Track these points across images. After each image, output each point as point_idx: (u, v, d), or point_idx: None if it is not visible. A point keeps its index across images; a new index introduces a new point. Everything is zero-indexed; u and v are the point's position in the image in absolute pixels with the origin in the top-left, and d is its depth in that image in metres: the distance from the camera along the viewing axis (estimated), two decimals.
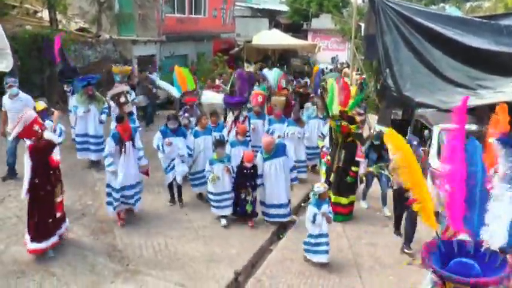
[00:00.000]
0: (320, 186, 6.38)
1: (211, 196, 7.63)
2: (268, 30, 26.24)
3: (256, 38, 23.61)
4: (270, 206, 7.70)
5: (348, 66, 24.03)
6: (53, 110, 7.45)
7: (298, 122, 9.77)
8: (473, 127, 8.06)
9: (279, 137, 9.20)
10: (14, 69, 11.68)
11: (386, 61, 10.65)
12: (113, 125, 8.46)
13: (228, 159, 7.57)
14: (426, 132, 8.18)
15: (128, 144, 7.04)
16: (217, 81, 16.90)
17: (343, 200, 7.97)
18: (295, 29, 33.82)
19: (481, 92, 8.92)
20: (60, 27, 15.38)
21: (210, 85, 16.03)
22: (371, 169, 8.14)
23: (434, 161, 7.93)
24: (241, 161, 7.50)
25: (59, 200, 6.19)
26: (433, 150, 8.02)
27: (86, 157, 9.71)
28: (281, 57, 26.34)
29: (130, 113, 8.53)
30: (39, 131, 5.88)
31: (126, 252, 6.43)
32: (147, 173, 7.54)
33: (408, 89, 9.78)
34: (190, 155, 8.08)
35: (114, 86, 10.24)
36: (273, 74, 13.33)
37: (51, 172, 6.02)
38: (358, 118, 8.36)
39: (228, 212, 7.66)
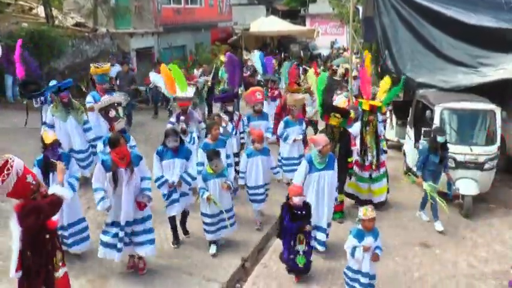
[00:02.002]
0: (367, 212, 4.94)
1: (205, 218, 6.22)
2: (266, 17, 26.09)
3: (254, 25, 23.51)
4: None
5: (345, 50, 23.93)
6: (53, 161, 5.44)
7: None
8: (482, 106, 7.99)
9: (294, 140, 8.29)
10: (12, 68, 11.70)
11: (385, 43, 10.59)
12: (100, 147, 6.80)
13: (225, 173, 6.27)
14: (428, 112, 8.13)
15: (125, 171, 5.35)
16: (195, 72, 15.24)
17: (340, 197, 7.25)
18: (292, 15, 33.59)
19: (482, 70, 8.87)
20: (56, 22, 15.31)
21: (192, 78, 13.82)
22: (425, 187, 6.96)
23: None
24: (287, 198, 5.61)
25: (60, 274, 4.57)
26: None
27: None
28: (280, 44, 26.22)
29: (123, 131, 6.64)
30: (33, 182, 4.16)
31: None
32: (141, 206, 5.54)
33: (409, 70, 9.73)
34: (186, 181, 6.35)
35: (96, 89, 8.89)
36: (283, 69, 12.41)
37: (47, 237, 4.35)
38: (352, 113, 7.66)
39: (225, 234, 6.45)
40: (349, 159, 7.20)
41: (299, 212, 5.54)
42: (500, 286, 5.71)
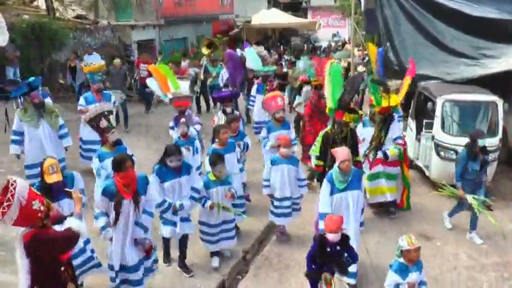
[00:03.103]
0: (411, 241, 4.21)
1: (204, 228, 5.75)
2: (267, 9, 25.97)
3: (256, 18, 23.41)
4: None
5: (345, 44, 23.81)
6: (69, 190, 4.50)
7: None
8: (484, 97, 7.96)
9: None
10: (15, 59, 11.71)
11: (387, 35, 10.56)
12: (96, 163, 5.92)
13: (229, 180, 5.71)
14: (429, 104, 8.11)
15: (130, 203, 4.56)
16: (182, 63, 14.77)
17: None
18: (294, 7, 33.38)
19: (484, 62, 8.83)
20: (57, 15, 15.28)
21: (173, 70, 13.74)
22: (471, 201, 6.11)
23: (438, 133, 7.87)
24: (321, 232, 4.72)
25: None
26: (437, 122, 7.95)
27: None
28: (281, 37, 26.14)
29: (118, 142, 5.90)
30: (41, 208, 3.59)
31: None
32: (148, 251, 4.82)
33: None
34: (195, 198, 5.54)
35: (92, 89, 8.19)
36: (301, 64, 11.81)
37: (61, 269, 3.86)
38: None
39: (227, 245, 5.95)
40: (357, 158, 6.48)
41: (332, 249, 4.46)
42: (501, 278, 5.73)
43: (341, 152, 5.17)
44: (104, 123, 5.82)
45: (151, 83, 8.16)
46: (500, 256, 6.17)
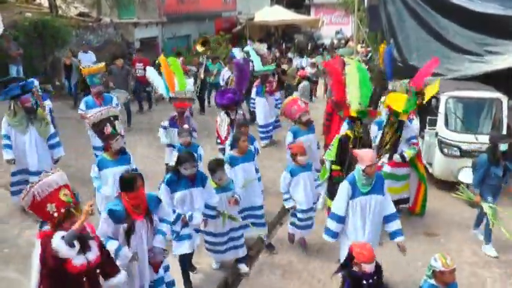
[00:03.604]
0: (446, 261, 3.78)
1: (209, 238, 5.48)
2: (270, 7, 25.92)
3: (259, 15, 23.37)
4: None
5: (347, 42, 23.75)
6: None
7: None
8: (488, 94, 7.91)
9: None
10: (18, 57, 11.73)
11: (390, 31, 10.53)
12: (94, 170, 5.50)
13: (230, 186, 5.41)
14: (433, 100, 8.07)
15: (142, 225, 4.17)
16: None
17: None
18: (297, 4, 33.25)
19: (489, 58, 8.80)
20: (60, 12, 15.29)
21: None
22: (486, 210, 5.91)
23: (442, 130, 7.84)
24: (348, 263, 4.10)
25: None
26: (441, 119, 7.92)
27: (16, 202, 6.50)
28: (284, 34, 26.08)
29: (122, 151, 5.53)
30: (55, 214, 3.49)
31: None
32: (156, 267, 4.38)
33: (414, 59, 9.67)
34: (209, 216, 5.20)
35: (92, 93, 7.82)
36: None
37: (83, 280, 3.58)
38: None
39: (232, 256, 5.63)
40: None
41: (367, 281, 3.95)
42: (505, 275, 5.71)
43: (366, 155, 4.79)
44: (108, 129, 5.43)
45: (153, 75, 7.89)
46: (504, 252, 6.14)
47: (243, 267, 5.67)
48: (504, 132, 7.67)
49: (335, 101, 7.89)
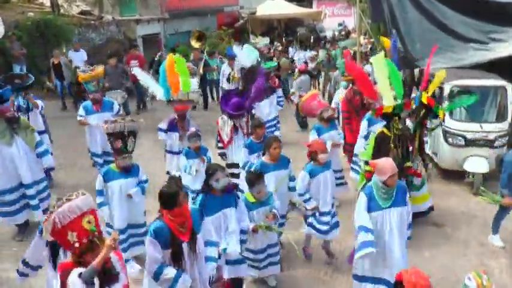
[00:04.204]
0: (482, 281, 3.31)
1: (247, 254, 4.94)
2: (272, 0, 25.80)
3: (260, 9, 23.28)
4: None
5: (349, 33, 23.60)
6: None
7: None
8: (493, 82, 7.83)
9: None
10: (21, 56, 11.78)
11: (393, 22, 10.43)
12: (100, 182, 5.19)
13: (270, 201, 4.87)
14: (437, 90, 8.01)
15: (187, 245, 3.72)
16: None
17: None
18: None
19: (493, 46, 8.71)
20: (61, 11, 15.32)
21: None
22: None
23: (446, 120, 7.79)
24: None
25: None
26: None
27: (15, 222, 6.17)
28: (287, 27, 25.96)
29: (126, 169, 5.19)
30: (76, 244, 3.16)
31: None
32: None
33: (418, 49, 9.58)
34: (244, 242, 4.67)
35: (91, 97, 7.38)
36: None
37: None
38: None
39: (270, 272, 5.16)
40: (408, 164, 5.74)
41: None
42: None
43: (386, 165, 4.26)
44: (118, 144, 5.07)
45: (143, 77, 7.53)
46: (511, 243, 6.11)
47: (271, 281, 5.29)
48: (509, 120, 7.62)
49: (348, 99, 7.68)
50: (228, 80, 11.61)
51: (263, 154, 5.57)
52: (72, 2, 16.52)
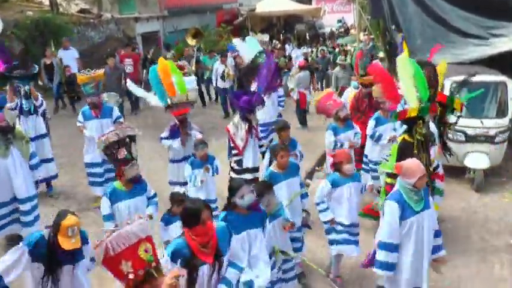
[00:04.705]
0: None
1: None
2: None
3: (260, 6, 23.24)
4: None
5: (347, 30, 23.56)
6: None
7: None
8: (493, 78, 7.82)
9: (390, 140, 6.51)
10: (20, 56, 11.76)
11: (393, 18, 10.42)
12: (105, 203, 4.73)
13: (281, 212, 4.53)
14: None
15: (209, 267, 3.37)
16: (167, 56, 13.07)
17: None
18: None
19: (493, 41, 8.69)
20: (60, 10, 15.30)
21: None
22: None
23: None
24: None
25: None
26: None
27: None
28: (286, 24, 25.93)
29: (136, 179, 4.76)
30: (131, 275, 2.92)
31: None
32: None
33: (419, 45, 9.55)
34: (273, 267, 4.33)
35: (88, 101, 6.95)
36: None
37: None
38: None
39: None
40: (434, 165, 5.47)
41: None
42: None
43: (413, 166, 4.05)
44: (122, 152, 4.61)
45: (135, 89, 7.34)
46: None
47: None
48: (510, 115, 7.61)
49: (356, 100, 7.50)
50: (223, 77, 11.49)
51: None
52: (71, 1, 16.51)
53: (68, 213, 3.54)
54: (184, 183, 6.09)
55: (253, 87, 6.97)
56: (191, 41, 12.79)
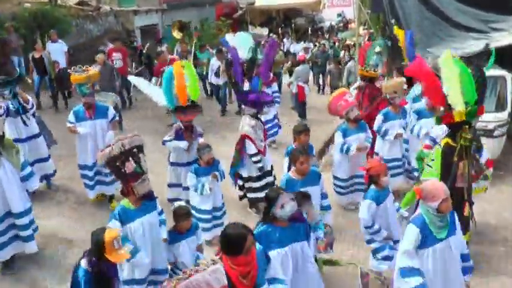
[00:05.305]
0: None
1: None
2: None
3: None
4: None
5: (346, 25, 23.50)
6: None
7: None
8: (492, 72, 7.81)
9: (396, 137, 6.48)
10: (18, 48, 11.71)
11: (392, 12, 10.40)
12: (115, 224, 4.16)
13: (321, 226, 4.20)
14: None
15: None
16: (158, 49, 12.59)
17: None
18: None
19: (494, 35, 8.69)
20: (59, 2, 15.22)
21: (162, 60, 10.34)
22: None
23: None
24: None
25: None
26: None
27: (1, 259, 5.17)
28: (286, 18, 25.87)
29: (149, 195, 4.29)
30: None
31: None
32: None
33: (418, 39, 9.53)
34: None
35: (84, 101, 6.38)
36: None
37: None
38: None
39: None
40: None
41: None
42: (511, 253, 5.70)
43: (436, 189, 3.64)
44: (130, 165, 4.00)
45: (142, 84, 6.94)
46: (510, 231, 6.14)
47: None
48: (509, 109, 7.61)
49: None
50: (217, 74, 11.30)
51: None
52: None
53: (102, 230, 3.32)
54: (185, 188, 6.01)
55: (246, 86, 6.97)
56: (177, 34, 12.48)
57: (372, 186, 4.59)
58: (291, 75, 11.88)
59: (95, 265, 3.23)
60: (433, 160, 4.77)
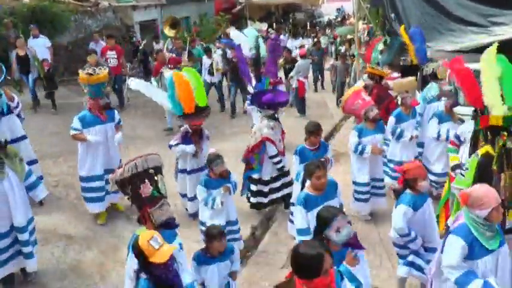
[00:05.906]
0: None
1: None
2: None
3: None
4: None
5: (343, 19, 23.45)
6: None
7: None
8: None
9: (411, 138, 6.32)
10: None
11: (392, 6, 10.38)
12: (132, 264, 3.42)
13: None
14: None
15: None
16: (155, 46, 12.95)
17: None
18: None
19: (493, 29, 8.65)
20: None
21: (161, 60, 9.99)
22: None
23: None
24: None
25: None
26: None
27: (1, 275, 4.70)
28: (285, 12, 25.82)
29: (168, 223, 3.54)
30: None
31: None
32: None
33: None
34: None
35: (88, 103, 5.88)
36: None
37: None
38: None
39: None
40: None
41: None
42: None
43: (487, 195, 3.28)
44: (146, 188, 3.49)
45: (148, 90, 6.54)
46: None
47: None
48: None
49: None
50: (211, 73, 11.15)
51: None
52: None
53: (136, 239, 2.99)
54: (191, 199, 5.89)
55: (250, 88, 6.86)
56: (169, 32, 12.04)
57: (408, 191, 4.21)
58: (285, 71, 11.80)
59: (150, 274, 2.96)
60: (467, 169, 4.33)
